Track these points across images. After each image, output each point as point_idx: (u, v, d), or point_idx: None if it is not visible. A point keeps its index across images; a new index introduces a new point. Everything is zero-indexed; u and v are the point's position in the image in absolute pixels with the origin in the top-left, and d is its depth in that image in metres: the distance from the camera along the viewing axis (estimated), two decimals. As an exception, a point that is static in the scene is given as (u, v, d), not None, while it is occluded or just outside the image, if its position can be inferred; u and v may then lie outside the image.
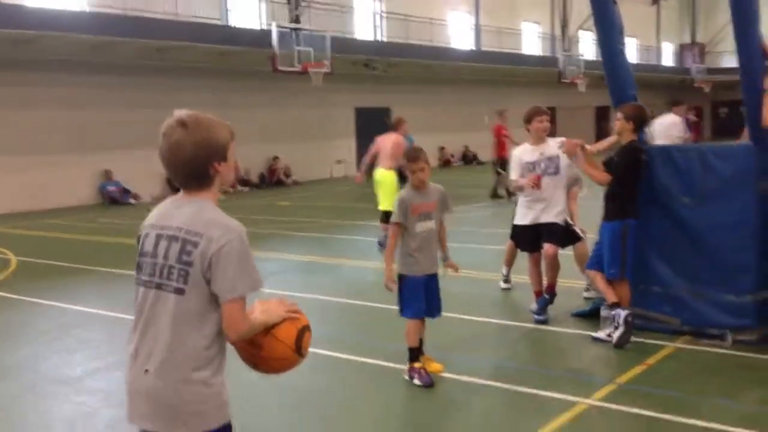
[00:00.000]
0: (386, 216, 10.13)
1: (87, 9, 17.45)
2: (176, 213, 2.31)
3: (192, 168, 2.28)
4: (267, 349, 2.35)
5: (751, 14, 5.25)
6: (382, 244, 10.25)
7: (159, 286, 2.28)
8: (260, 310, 2.34)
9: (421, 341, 5.01)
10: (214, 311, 2.24)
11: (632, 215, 5.65)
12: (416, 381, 4.84)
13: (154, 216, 2.39)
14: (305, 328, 2.43)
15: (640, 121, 5.71)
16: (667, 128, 10.74)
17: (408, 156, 4.90)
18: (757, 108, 5.28)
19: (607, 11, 5.81)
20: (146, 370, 2.26)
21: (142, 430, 2.34)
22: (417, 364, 4.91)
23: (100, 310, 7.32)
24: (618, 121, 5.72)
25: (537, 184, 6.01)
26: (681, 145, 6.09)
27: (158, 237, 2.32)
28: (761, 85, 5.30)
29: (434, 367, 5.04)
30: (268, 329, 2.34)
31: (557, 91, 32.19)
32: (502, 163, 16.05)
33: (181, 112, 2.33)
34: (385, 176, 10.31)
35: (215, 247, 2.20)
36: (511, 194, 15.81)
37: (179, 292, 2.24)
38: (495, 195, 16.39)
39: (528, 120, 6.21)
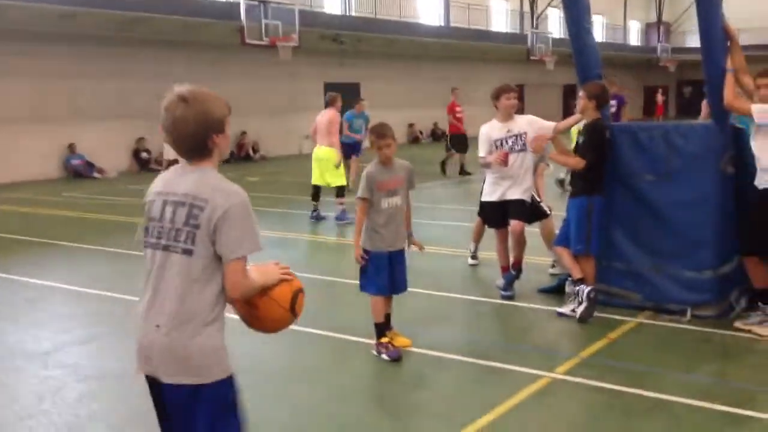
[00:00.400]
0: (341, 189, 10.65)
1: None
2: (181, 180, 2.46)
3: (194, 141, 2.43)
4: (263, 309, 2.53)
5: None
6: (339, 219, 10.40)
7: (166, 248, 2.44)
8: (258, 272, 2.50)
9: (388, 316, 5.08)
10: (218, 271, 2.41)
11: (598, 192, 5.76)
12: (384, 356, 4.91)
13: (159, 184, 2.54)
14: (299, 290, 2.64)
15: (602, 98, 5.82)
16: None
17: (375, 132, 4.91)
18: (719, 88, 5.38)
19: (575, -10, 5.86)
20: (157, 326, 2.44)
21: (151, 378, 2.52)
22: (384, 339, 4.97)
23: (67, 284, 7.26)
24: (581, 100, 5.81)
25: (504, 161, 6.08)
26: (645, 124, 6.20)
27: (164, 203, 2.46)
28: (723, 65, 5.40)
29: (402, 341, 5.11)
30: (265, 290, 2.51)
31: (526, 68, 32.32)
32: (451, 139, 16.45)
33: (181, 88, 2.46)
34: (326, 153, 10.58)
35: (220, 211, 2.35)
36: (460, 172, 16.41)
37: (187, 252, 2.40)
38: (444, 171, 16.55)
39: (496, 97, 6.26)
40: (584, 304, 5.57)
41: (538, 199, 6.95)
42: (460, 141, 16.16)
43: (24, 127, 17.57)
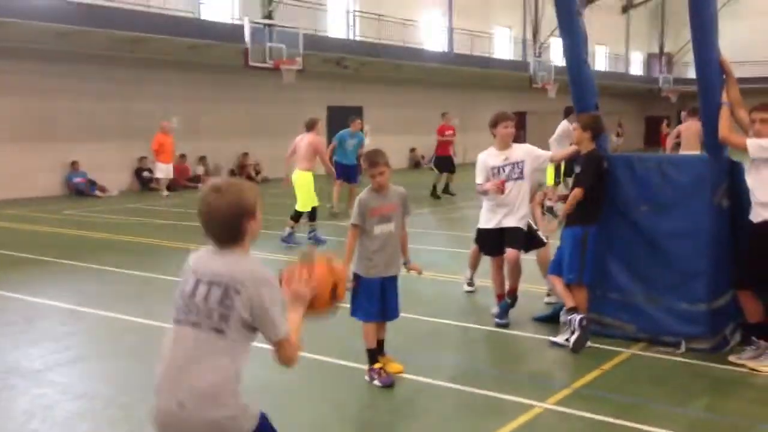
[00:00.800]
0: (297, 215, 10.75)
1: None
2: (217, 261, 2.59)
3: (227, 226, 2.57)
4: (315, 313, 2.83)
5: (709, 28, 5.40)
6: (285, 241, 10.61)
7: (196, 325, 2.54)
8: (294, 318, 2.68)
9: (381, 342, 5.07)
10: (246, 350, 2.58)
11: (593, 222, 5.79)
12: (376, 382, 4.91)
13: (192, 262, 2.66)
14: (334, 286, 2.87)
15: (597, 129, 5.87)
16: (566, 134, 12.05)
17: (367, 160, 4.92)
18: (715, 121, 5.43)
19: (572, 22, 5.93)
20: (180, 403, 2.48)
21: None
22: (376, 365, 4.97)
23: (64, 303, 7.26)
24: (576, 131, 5.85)
25: (501, 189, 6.11)
26: (641, 155, 6.24)
27: (197, 282, 2.58)
28: (719, 98, 5.45)
29: (394, 367, 5.10)
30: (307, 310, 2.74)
31: (528, 96, 32.49)
32: (436, 160, 17.49)
33: (216, 180, 2.66)
34: (301, 177, 10.72)
35: (257, 297, 2.51)
36: (447, 194, 17.10)
37: (219, 332, 2.51)
38: (435, 194, 17.27)
39: (494, 125, 6.31)
40: (576, 333, 5.57)
41: (535, 227, 6.97)
42: (444, 162, 17.09)
43: (26, 145, 17.65)
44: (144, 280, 8.32)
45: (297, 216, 10.87)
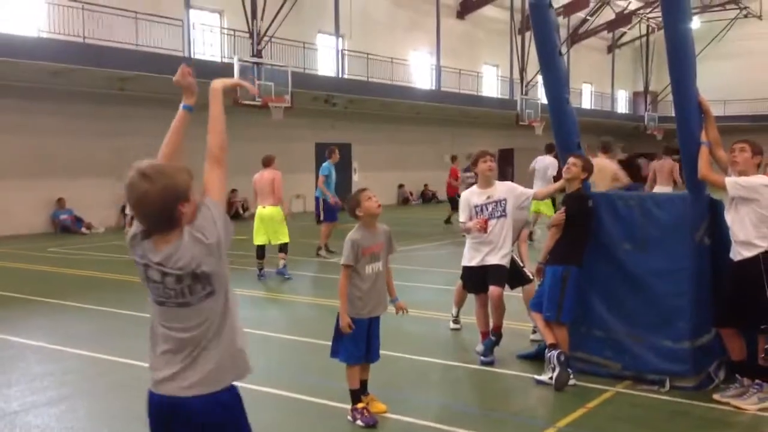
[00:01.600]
0: (285, 246, 11.10)
1: (43, 35, 17.28)
2: (165, 251, 2.53)
3: (161, 214, 2.49)
4: None
5: (688, 68, 5.48)
6: (280, 273, 10.94)
7: (184, 305, 2.58)
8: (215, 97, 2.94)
9: (364, 382, 5.02)
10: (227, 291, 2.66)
11: (575, 262, 5.79)
12: (359, 422, 4.85)
13: (139, 249, 2.60)
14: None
15: (591, 172, 5.98)
16: (546, 167, 12.59)
17: (353, 200, 4.90)
18: (695, 160, 5.48)
19: (554, 62, 6.01)
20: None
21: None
22: (359, 405, 4.91)
23: (44, 342, 7.17)
24: (575, 168, 5.87)
25: (483, 228, 6.13)
26: (623, 193, 6.28)
27: (163, 274, 2.54)
28: (698, 137, 5.52)
29: (378, 407, 5.05)
30: None
31: (515, 133, 32.79)
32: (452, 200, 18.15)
33: (141, 164, 2.51)
34: (271, 212, 10.98)
35: (209, 228, 2.53)
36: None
37: (211, 294, 2.59)
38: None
39: (474, 163, 6.38)
40: (557, 370, 5.55)
41: (521, 264, 6.98)
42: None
43: (11, 182, 17.61)
44: (126, 318, 8.24)
45: (286, 247, 11.10)
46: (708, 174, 5.39)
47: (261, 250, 11.06)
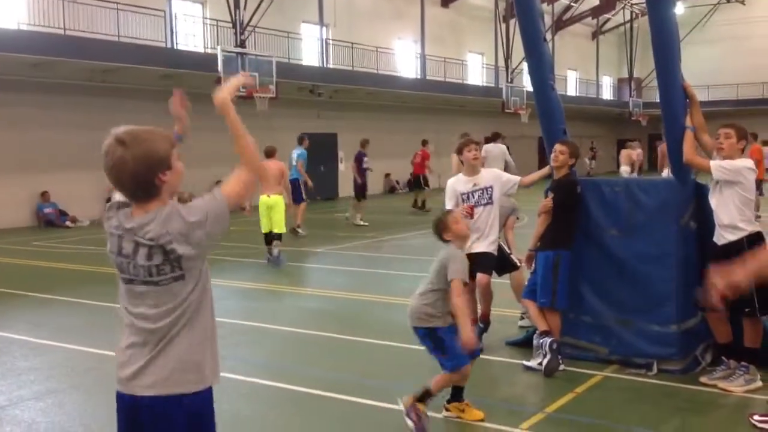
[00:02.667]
0: (279, 236, 11.48)
1: (24, 27, 17.08)
2: (143, 220, 2.40)
3: (138, 182, 2.36)
4: None
5: (672, 55, 5.49)
6: (276, 263, 11.21)
7: (162, 283, 2.44)
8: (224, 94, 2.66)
9: (460, 389, 4.78)
10: (205, 280, 2.50)
11: (565, 246, 5.81)
12: (410, 422, 4.50)
13: (114, 218, 2.49)
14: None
15: (578, 156, 5.99)
16: (502, 153, 13.06)
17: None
18: (680, 144, 5.50)
19: (538, 49, 6.00)
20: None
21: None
22: (420, 406, 4.56)
23: (30, 337, 7.12)
24: (563, 155, 5.87)
25: (470, 214, 6.12)
26: (609, 179, 6.30)
27: (136, 244, 2.41)
28: (683, 122, 5.53)
29: (474, 414, 4.73)
30: None
31: (501, 121, 32.77)
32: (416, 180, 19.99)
33: (118, 130, 2.39)
34: (278, 201, 11.38)
35: (182, 219, 2.37)
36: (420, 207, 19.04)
37: (178, 279, 2.42)
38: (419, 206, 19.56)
39: (459, 152, 6.36)
40: (548, 357, 5.57)
41: (508, 251, 6.99)
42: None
43: (-4, 176, 17.44)
44: (112, 311, 8.17)
45: (278, 237, 11.47)
46: (693, 158, 5.41)
47: (268, 237, 11.46)
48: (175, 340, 2.44)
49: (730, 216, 5.15)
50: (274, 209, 11.33)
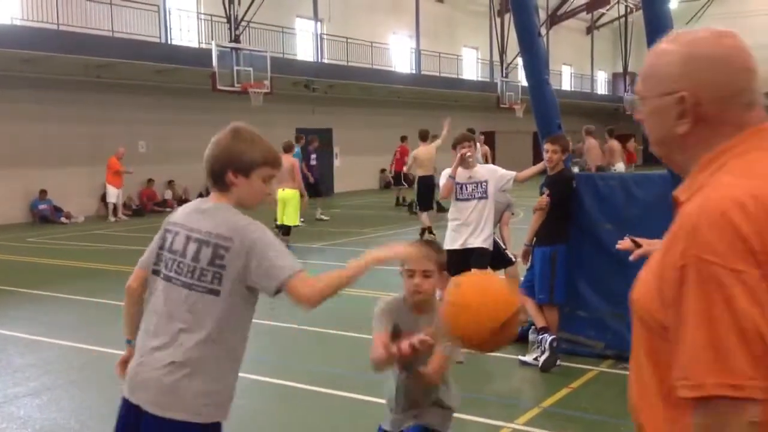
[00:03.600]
0: (288, 229, 12.09)
1: (17, 22, 17.01)
2: (201, 216, 2.45)
3: (213, 168, 2.46)
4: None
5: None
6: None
7: (189, 286, 2.38)
8: (347, 270, 2.40)
9: None
10: (246, 312, 2.44)
11: (562, 241, 5.82)
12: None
13: (179, 215, 2.53)
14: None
15: (569, 150, 6.00)
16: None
17: None
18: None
19: (533, 44, 6.00)
20: (173, 362, 2.34)
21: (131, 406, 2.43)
22: None
23: (25, 333, 7.10)
24: (555, 154, 5.88)
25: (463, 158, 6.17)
26: (604, 174, 6.32)
27: (188, 238, 2.42)
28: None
29: None
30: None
31: (496, 116, 32.84)
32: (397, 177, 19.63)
33: (238, 124, 2.53)
34: (293, 195, 12.02)
35: (247, 245, 2.32)
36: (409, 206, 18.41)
37: (214, 293, 2.36)
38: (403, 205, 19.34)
39: (454, 147, 6.40)
40: (546, 354, 5.58)
41: (503, 247, 7.00)
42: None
43: (-10, 171, 17.38)
44: (107, 307, 8.17)
45: (287, 230, 12.05)
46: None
47: (284, 228, 12.07)
48: (193, 359, 2.43)
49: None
50: (288, 203, 11.94)
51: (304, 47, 25.74)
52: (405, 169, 18.88)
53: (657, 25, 5.45)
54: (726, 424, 1.27)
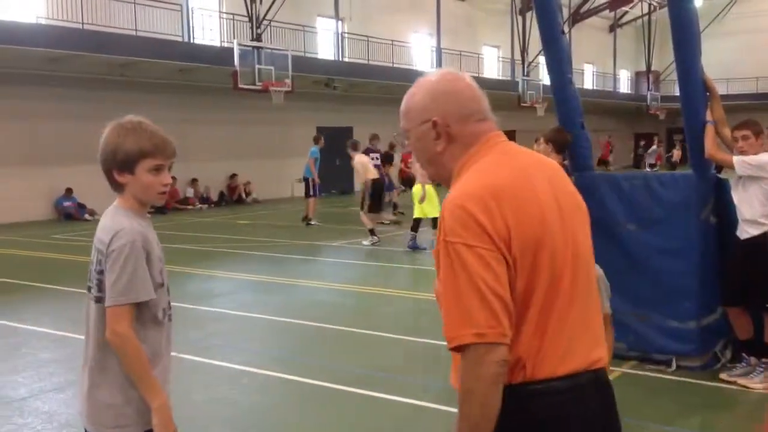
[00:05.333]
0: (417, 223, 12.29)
1: (42, 21, 17.20)
2: (101, 221, 2.36)
3: (103, 171, 2.32)
4: None
5: (692, 48, 5.43)
6: (411, 247, 11.98)
7: (89, 296, 2.34)
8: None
9: None
10: (138, 323, 2.25)
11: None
12: None
13: None
14: None
15: (557, 142, 5.89)
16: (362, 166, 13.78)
17: None
18: (700, 139, 5.44)
19: (556, 42, 5.95)
20: (87, 374, 2.35)
21: None
22: None
23: (50, 329, 7.19)
24: (555, 156, 5.82)
25: None
26: (628, 173, 6.25)
27: (93, 245, 2.36)
28: (703, 116, 5.47)
29: None
30: None
31: (517, 114, 32.64)
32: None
33: (120, 119, 2.34)
34: (416, 189, 12.32)
35: (108, 251, 2.21)
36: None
37: (98, 300, 2.28)
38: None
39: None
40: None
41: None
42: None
43: (14, 169, 17.60)
44: (132, 304, 8.25)
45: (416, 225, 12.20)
46: (715, 153, 5.36)
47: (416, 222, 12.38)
48: (97, 369, 2.36)
49: (753, 211, 5.09)
50: (413, 197, 12.27)
51: (325, 46, 25.79)
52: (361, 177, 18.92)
53: (682, 23, 5.39)
54: (479, 363, 1.66)
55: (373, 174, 13.95)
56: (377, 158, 17.22)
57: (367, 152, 16.20)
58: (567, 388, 1.78)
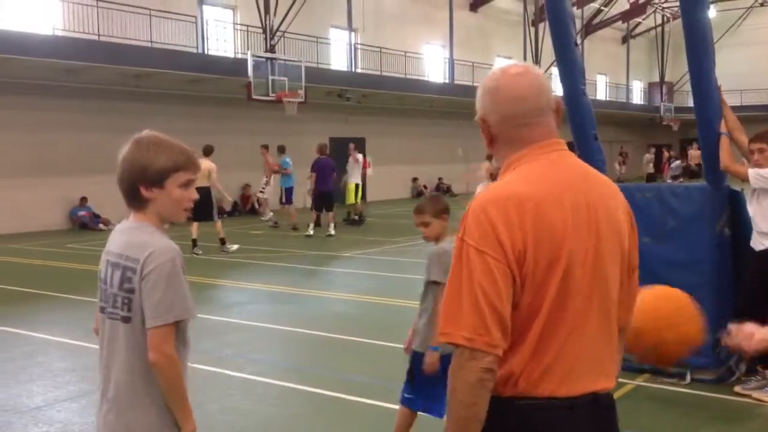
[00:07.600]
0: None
1: (59, 33, 17.40)
2: (118, 237, 2.30)
3: (124, 187, 2.25)
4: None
5: (706, 57, 5.42)
6: None
7: (111, 315, 2.27)
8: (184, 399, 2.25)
9: None
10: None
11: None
12: None
13: (109, 240, 2.39)
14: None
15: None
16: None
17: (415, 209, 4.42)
18: (714, 151, 5.43)
19: (569, 53, 5.96)
20: (107, 408, 2.26)
21: None
22: None
23: (65, 338, 7.24)
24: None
25: None
26: (641, 185, 6.24)
27: (107, 263, 2.30)
28: (717, 128, 5.46)
29: None
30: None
31: (529, 126, 32.65)
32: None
33: (141, 133, 2.29)
34: None
35: (145, 272, 2.16)
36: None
37: (126, 320, 2.22)
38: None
39: (489, 158, 6.40)
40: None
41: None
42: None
43: (29, 180, 17.75)
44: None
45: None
46: (730, 165, 5.34)
47: None
48: (124, 400, 2.29)
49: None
50: None
51: (338, 57, 25.91)
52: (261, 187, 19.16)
53: (696, 34, 5.39)
54: (462, 366, 1.68)
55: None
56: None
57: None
58: (558, 407, 1.75)
